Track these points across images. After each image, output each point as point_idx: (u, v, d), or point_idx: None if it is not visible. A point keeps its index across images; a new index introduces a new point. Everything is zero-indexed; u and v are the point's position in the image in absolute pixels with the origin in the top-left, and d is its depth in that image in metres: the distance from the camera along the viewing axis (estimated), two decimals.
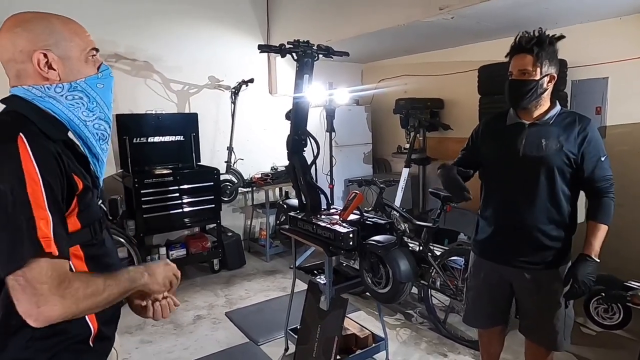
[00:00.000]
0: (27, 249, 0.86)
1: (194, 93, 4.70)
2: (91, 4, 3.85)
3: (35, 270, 0.86)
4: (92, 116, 1.06)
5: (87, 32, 1.09)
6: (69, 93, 1.02)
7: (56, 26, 1.02)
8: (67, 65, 1.02)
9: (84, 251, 1.04)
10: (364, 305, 3.49)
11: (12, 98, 1.01)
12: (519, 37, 1.74)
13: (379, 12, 3.65)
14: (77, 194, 0.99)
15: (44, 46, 0.99)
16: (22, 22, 0.99)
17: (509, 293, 1.93)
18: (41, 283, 0.86)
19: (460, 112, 4.59)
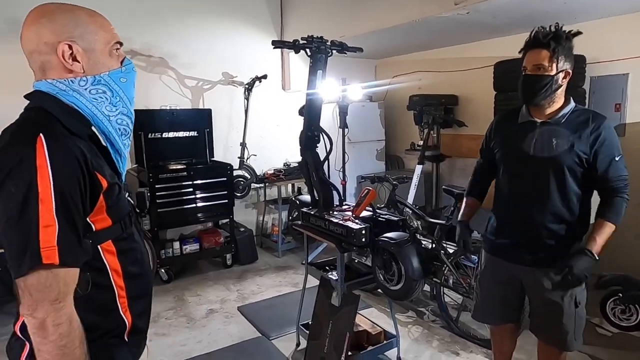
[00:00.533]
0: (28, 259, 0.87)
1: (207, 89, 4.74)
2: (107, 1, 3.90)
3: (33, 278, 0.87)
4: (115, 111, 1.06)
5: (111, 25, 1.08)
6: (92, 87, 1.02)
7: (82, 18, 1.01)
8: (91, 57, 1.02)
9: (116, 246, 1.05)
10: (376, 302, 3.49)
11: (35, 93, 1.01)
12: (534, 32, 1.71)
13: (394, 8, 3.62)
14: (103, 192, 0.99)
15: (69, 37, 0.98)
16: (47, 13, 0.98)
17: (520, 291, 1.92)
18: (36, 291, 0.88)
19: (475, 109, 4.54)
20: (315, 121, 2.51)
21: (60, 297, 0.90)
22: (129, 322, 1.08)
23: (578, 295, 1.79)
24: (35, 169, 0.87)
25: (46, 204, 0.87)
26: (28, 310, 0.89)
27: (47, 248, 0.87)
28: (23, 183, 0.87)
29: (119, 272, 1.06)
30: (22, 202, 0.87)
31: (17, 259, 0.87)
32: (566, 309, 1.77)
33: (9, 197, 0.87)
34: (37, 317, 0.88)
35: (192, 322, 3.30)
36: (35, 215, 0.87)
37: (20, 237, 0.87)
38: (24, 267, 0.87)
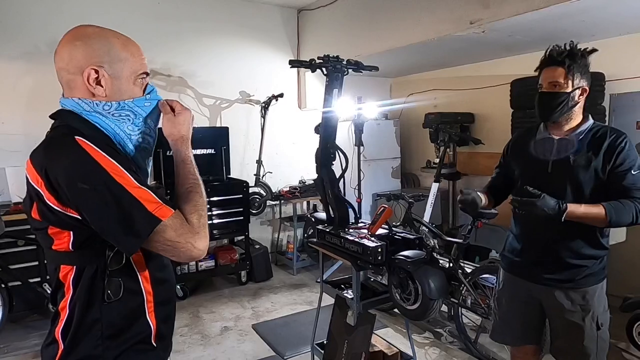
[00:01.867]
0: (145, 227, 0.95)
1: (225, 107, 4.82)
2: (132, 22, 4.04)
3: (170, 231, 0.97)
4: (137, 130, 1.10)
5: (143, 55, 1.12)
6: (116, 111, 1.05)
7: (114, 46, 1.05)
8: (115, 84, 1.05)
9: (143, 253, 1.09)
10: (392, 322, 3.42)
11: (61, 112, 1.05)
12: (549, 50, 1.71)
13: (409, 27, 3.66)
14: None
15: (98, 62, 1.02)
16: (83, 37, 1.02)
17: (540, 311, 1.86)
18: (175, 240, 0.98)
19: (491, 127, 4.51)
20: (331, 139, 2.53)
21: (185, 225, 1.00)
22: (154, 326, 1.11)
23: (600, 317, 1.73)
24: (95, 160, 0.94)
25: (127, 182, 0.95)
26: (192, 252, 1.00)
27: (156, 209, 0.96)
28: (95, 176, 0.93)
29: (147, 278, 1.10)
30: (107, 191, 0.93)
31: (132, 228, 0.95)
32: (587, 331, 1.72)
33: (92, 193, 0.93)
34: (195, 246, 1.00)
35: (207, 340, 3.28)
36: (128, 195, 0.94)
37: (129, 214, 0.94)
38: (147, 228, 0.95)
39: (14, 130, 3.72)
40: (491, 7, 2.96)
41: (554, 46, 1.71)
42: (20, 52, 3.69)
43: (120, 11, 4.08)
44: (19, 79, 3.73)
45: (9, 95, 3.72)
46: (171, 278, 1.22)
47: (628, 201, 1.62)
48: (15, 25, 3.68)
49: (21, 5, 3.68)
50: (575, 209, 1.62)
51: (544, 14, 2.76)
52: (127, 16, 4.08)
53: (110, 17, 3.97)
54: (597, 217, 1.62)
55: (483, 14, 3.02)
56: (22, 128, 3.73)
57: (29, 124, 3.72)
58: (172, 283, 1.22)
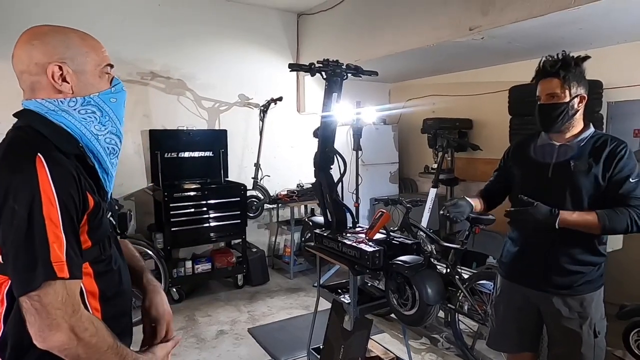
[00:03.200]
0: (41, 273, 0.86)
1: (224, 110, 4.82)
2: (131, 25, 4.04)
3: (50, 295, 0.87)
4: (104, 130, 1.06)
5: (103, 47, 1.09)
6: (82, 107, 1.02)
7: (73, 40, 1.02)
8: (81, 79, 1.02)
9: (93, 268, 1.02)
10: (388, 328, 3.41)
11: (25, 112, 1.02)
12: (542, 62, 1.72)
13: (408, 33, 3.68)
14: (88, 212, 0.98)
15: (60, 59, 0.99)
16: (39, 35, 1.00)
17: (537, 318, 1.86)
18: (56, 308, 0.87)
19: (489, 133, 4.52)
20: (330, 143, 2.53)
21: (77, 308, 0.91)
22: None
23: (597, 325, 1.73)
24: (37, 186, 0.88)
25: (52, 219, 0.88)
26: (50, 330, 0.87)
27: (58, 263, 0.88)
28: (27, 201, 0.87)
29: (95, 294, 1.03)
30: (27, 219, 0.87)
31: (25, 274, 0.87)
32: (585, 339, 1.71)
33: (12, 215, 0.88)
34: (64, 333, 0.88)
35: (202, 343, 3.26)
36: (43, 231, 0.87)
37: (29, 253, 0.87)
38: (36, 281, 0.86)
39: None
40: (490, 14, 2.98)
41: (546, 57, 1.72)
42: None
43: (120, 13, 4.08)
44: None
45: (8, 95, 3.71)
46: (125, 291, 1.13)
47: (623, 209, 1.63)
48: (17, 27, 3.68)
49: (22, 8, 3.68)
50: (567, 216, 1.63)
51: (542, 21, 2.78)
52: (127, 18, 4.08)
53: (111, 19, 3.97)
54: (591, 224, 1.63)
55: (482, 20, 3.04)
56: None
57: None
58: (126, 295, 1.14)
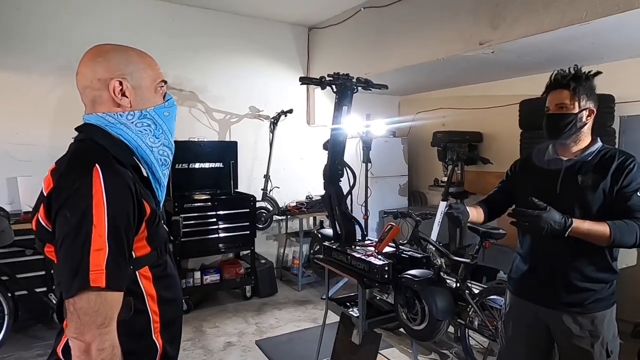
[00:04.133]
0: (77, 281, 0.91)
1: (234, 122, 4.87)
2: (147, 37, 4.12)
3: (83, 301, 0.91)
4: (158, 142, 1.13)
5: (158, 65, 1.17)
6: (138, 120, 1.09)
7: (133, 58, 1.10)
8: (138, 94, 1.10)
9: (152, 272, 1.09)
10: (397, 342, 3.34)
11: (86, 126, 1.08)
12: (554, 75, 1.73)
13: (418, 46, 3.70)
14: (146, 219, 1.04)
15: (120, 75, 1.07)
16: (103, 53, 1.08)
17: (547, 335, 1.83)
18: (85, 314, 0.91)
19: (500, 146, 4.50)
20: (340, 155, 2.54)
21: (106, 322, 0.93)
22: (160, 347, 1.10)
23: (610, 344, 1.69)
24: (91, 196, 0.93)
25: (99, 228, 0.92)
26: (75, 332, 0.91)
27: (96, 271, 0.91)
28: (79, 209, 0.93)
29: (154, 297, 1.09)
30: (76, 226, 0.92)
31: (68, 280, 0.91)
32: (597, 358, 1.68)
33: (65, 222, 0.93)
34: (84, 341, 0.91)
35: (209, 355, 3.25)
36: (88, 238, 0.91)
37: (73, 260, 0.92)
38: (73, 288, 0.90)
39: (25, 141, 3.78)
40: (500, 28, 2.99)
41: (558, 70, 1.73)
42: (27, 66, 3.78)
43: (136, 27, 4.18)
44: (29, 90, 3.81)
45: (19, 105, 3.79)
46: (178, 297, 1.21)
47: (633, 222, 1.60)
48: (31, 41, 3.78)
49: (39, 22, 3.78)
50: (580, 225, 1.60)
51: (553, 36, 2.78)
52: (142, 31, 4.17)
53: (126, 32, 4.06)
54: (602, 235, 1.60)
55: (492, 35, 3.05)
56: (32, 139, 3.79)
57: (39, 134, 3.79)
58: (179, 302, 1.21)
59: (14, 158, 3.74)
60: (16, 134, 3.77)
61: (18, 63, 3.74)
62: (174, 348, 1.17)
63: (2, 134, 3.72)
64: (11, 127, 3.76)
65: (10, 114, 3.75)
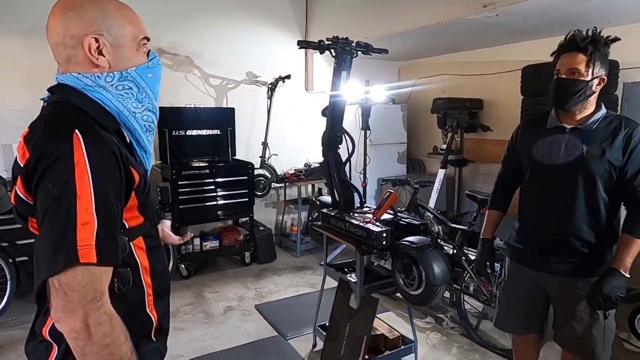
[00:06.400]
0: (63, 257, 0.83)
1: (231, 88, 4.78)
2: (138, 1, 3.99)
3: (69, 276, 0.83)
4: (141, 107, 1.03)
5: (140, 19, 1.05)
6: (119, 83, 0.99)
7: (110, 11, 0.97)
8: (117, 52, 0.98)
9: (145, 242, 1.04)
10: (394, 307, 3.45)
11: (61, 87, 0.98)
12: (571, 35, 1.65)
13: (420, 9, 3.58)
14: (135, 187, 0.97)
15: (96, 31, 0.95)
16: (75, 6, 0.95)
17: (545, 300, 1.87)
18: (72, 290, 0.83)
19: (500, 113, 4.45)
20: (338, 122, 2.51)
21: (97, 296, 0.86)
22: (155, 320, 1.07)
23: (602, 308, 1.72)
24: (72, 165, 0.85)
25: (84, 200, 0.84)
26: (64, 312, 0.84)
27: (84, 246, 0.84)
28: (60, 179, 0.85)
29: (147, 269, 1.04)
30: (58, 198, 0.84)
31: (51, 256, 0.83)
32: (595, 320, 1.72)
33: (46, 194, 0.85)
34: (77, 320, 0.83)
35: (210, 319, 3.33)
36: (73, 211, 0.84)
37: (56, 235, 0.84)
38: (57, 265, 0.82)
39: (19, 107, 3.71)
40: None
41: (575, 31, 1.65)
42: (20, 29, 3.65)
43: None
44: (22, 56, 3.71)
45: (12, 71, 3.70)
46: (167, 269, 1.16)
47: None
48: (16, 1, 3.64)
49: None
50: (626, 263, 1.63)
51: None
52: None
53: None
54: (638, 248, 1.64)
55: None
56: (26, 105, 3.72)
57: (32, 100, 3.71)
58: (167, 274, 1.16)
59: (7, 124, 3.68)
60: (9, 99, 3.70)
61: (8, 28, 3.62)
62: (167, 320, 1.13)
63: None
64: (3, 93, 3.68)
65: (2, 81, 3.67)
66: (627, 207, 1.71)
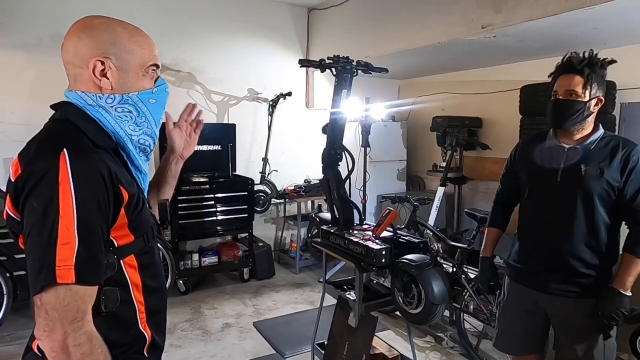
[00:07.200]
0: (43, 276, 0.84)
1: (233, 104, 4.83)
2: (141, 16, 4.03)
3: (50, 295, 0.84)
4: (139, 131, 1.04)
5: (152, 45, 1.07)
6: (119, 105, 1.01)
7: (121, 37, 1.00)
8: (122, 77, 1.01)
9: (137, 260, 1.03)
10: (393, 325, 3.42)
11: (64, 104, 1.01)
12: (568, 57, 1.68)
13: (420, 30, 3.65)
14: (124, 205, 0.97)
15: (103, 54, 0.98)
16: (88, 28, 0.99)
17: (544, 320, 1.85)
18: (53, 309, 0.84)
19: (499, 132, 4.48)
20: (339, 139, 2.52)
21: (78, 316, 0.86)
22: (148, 337, 1.06)
23: (607, 327, 1.71)
24: (57, 184, 0.86)
25: (66, 220, 0.85)
26: (45, 330, 0.84)
27: (63, 267, 0.84)
28: (44, 198, 0.86)
29: (139, 287, 1.04)
30: (42, 217, 0.85)
31: (33, 275, 0.84)
32: (595, 342, 1.70)
33: (31, 212, 0.87)
34: (56, 339, 0.84)
35: (208, 335, 3.29)
36: (55, 231, 0.84)
37: (38, 253, 0.85)
38: (37, 284, 0.84)
39: (21, 121, 3.74)
40: (503, 12, 2.95)
41: (572, 53, 1.68)
42: (24, 43, 3.69)
43: (130, 5, 4.09)
44: (25, 70, 3.75)
45: (14, 85, 3.74)
46: (163, 286, 1.15)
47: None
48: (21, 16, 3.69)
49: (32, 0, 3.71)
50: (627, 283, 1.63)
51: (556, 20, 2.74)
52: (136, 10, 4.08)
53: (119, 11, 3.91)
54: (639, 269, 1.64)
55: (495, 18, 3.00)
56: (28, 119, 3.74)
57: (34, 115, 3.73)
58: (164, 291, 1.15)
59: (10, 138, 3.70)
60: (12, 113, 3.73)
61: (12, 41, 3.68)
62: (161, 337, 1.12)
63: None
64: (6, 107, 3.72)
65: (5, 94, 3.71)
66: (629, 225, 1.72)
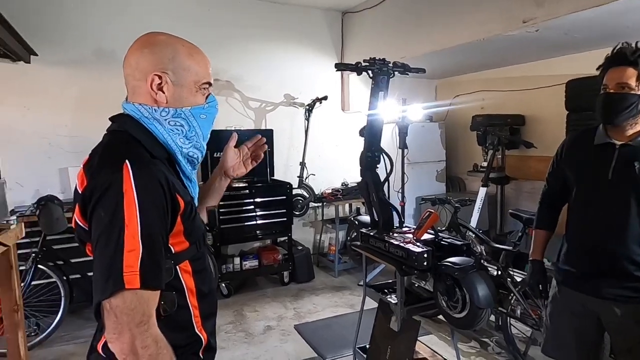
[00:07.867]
0: (111, 283, 0.89)
1: (270, 110, 4.91)
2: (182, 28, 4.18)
3: (118, 300, 0.89)
4: (188, 144, 1.10)
5: (208, 64, 1.13)
6: (172, 118, 1.06)
7: (180, 54, 1.06)
8: (177, 91, 1.06)
9: (192, 266, 1.09)
10: (436, 329, 3.35)
11: (121, 117, 1.08)
12: (619, 48, 1.60)
13: (457, 27, 3.57)
14: (180, 213, 1.01)
15: (162, 69, 1.03)
16: (150, 44, 1.05)
17: (597, 327, 1.75)
18: (122, 313, 0.89)
19: (544, 129, 4.31)
20: (376, 142, 2.51)
21: (144, 319, 0.91)
22: (204, 340, 1.11)
23: None
24: (121, 194, 0.91)
25: (131, 228, 0.90)
26: (114, 333, 0.90)
27: (129, 273, 0.89)
28: (110, 208, 0.91)
29: (193, 292, 1.09)
30: (108, 226, 0.91)
31: (102, 281, 0.90)
32: None
33: (99, 222, 0.93)
34: (125, 341, 0.89)
35: (250, 338, 3.35)
36: (121, 239, 0.90)
37: (106, 261, 0.90)
38: (107, 290, 0.89)
39: (75, 133, 3.96)
40: (545, 4, 2.84)
41: (623, 44, 1.60)
42: (70, 59, 3.88)
43: (171, 19, 4.26)
44: (69, 86, 3.97)
45: (61, 101, 3.95)
46: (214, 290, 1.20)
47: None
48: (69, 34, 3.89)
49: (74, 16, 3.90)
50: None
51: (604, 10, 2.60)
52: (178, 24, 4.24)
53: (160, 25, 4.09)
54: None
55: (536, 12, 2.89)
56: (80, 131, 3.96)
57: (86, 127, 3.95)
58: (215, 296, 1.20)
59: (63, 149, 3.93)
60: (65, 126, 3.96)
61: (59, 58, 3.90)
62: (214, 339, 1.17)
63: (53, 127, 3.91)
64: (59, 121, 3.95)
65: (59, 108, 3.94)
66: None
